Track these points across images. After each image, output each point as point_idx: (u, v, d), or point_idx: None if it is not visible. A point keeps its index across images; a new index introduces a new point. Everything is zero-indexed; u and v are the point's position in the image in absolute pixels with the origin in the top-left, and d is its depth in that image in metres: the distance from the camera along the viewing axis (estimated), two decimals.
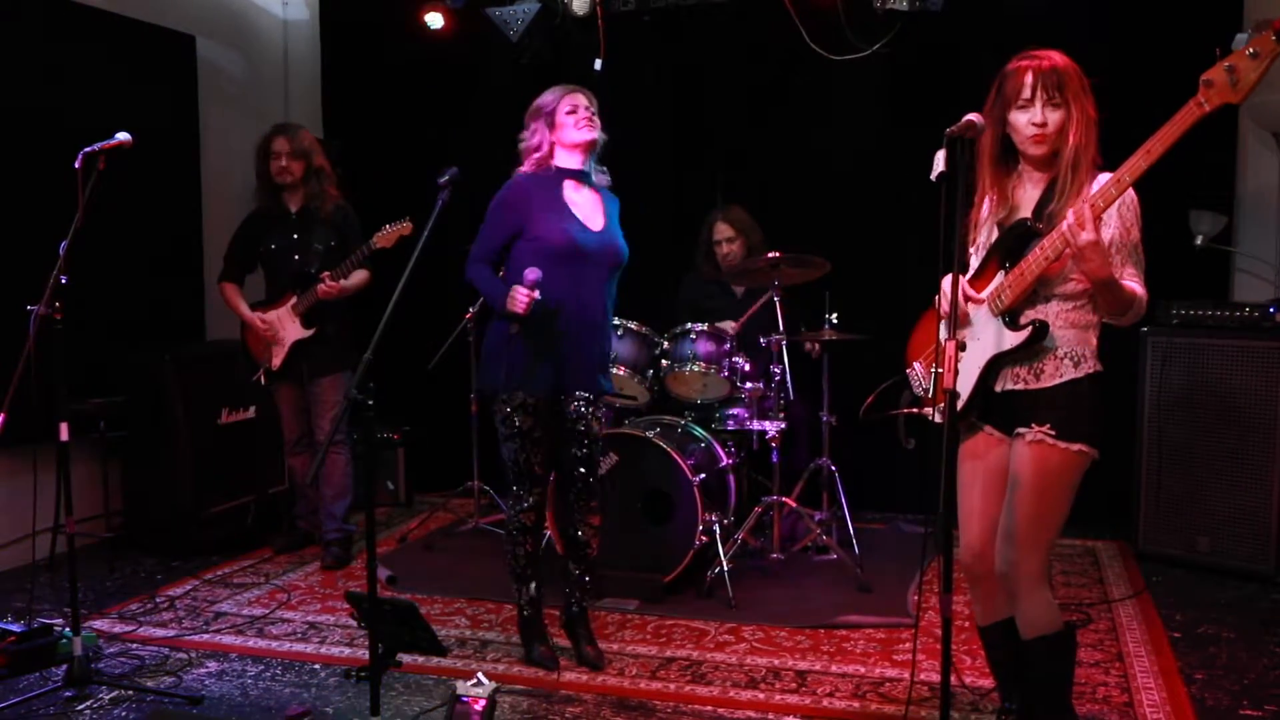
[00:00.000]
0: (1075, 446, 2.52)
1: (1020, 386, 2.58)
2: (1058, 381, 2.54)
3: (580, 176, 3.48)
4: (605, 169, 3.59)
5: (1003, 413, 2.62)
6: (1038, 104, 2.47)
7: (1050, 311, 2.54)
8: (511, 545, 3.54)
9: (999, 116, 2.53)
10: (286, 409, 4.86)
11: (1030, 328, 2.52)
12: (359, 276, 4.57)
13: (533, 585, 3.57)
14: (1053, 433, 2.52)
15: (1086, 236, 2.32)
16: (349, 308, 4.74)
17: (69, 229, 3.24)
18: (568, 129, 3.41)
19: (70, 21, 4.79)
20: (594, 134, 3.45)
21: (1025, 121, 2.49)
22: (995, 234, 2.63)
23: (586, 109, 3.44)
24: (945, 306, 2.64)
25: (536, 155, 3.45)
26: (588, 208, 3.47)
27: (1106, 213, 2.40)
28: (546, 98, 3.45)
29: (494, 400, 3.46)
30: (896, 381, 2.96)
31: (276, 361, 4.70)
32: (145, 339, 5.03)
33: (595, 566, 3.63)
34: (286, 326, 4.67)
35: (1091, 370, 2.55)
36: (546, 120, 3.42)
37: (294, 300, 4.63)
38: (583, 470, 3.53)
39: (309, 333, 4.64)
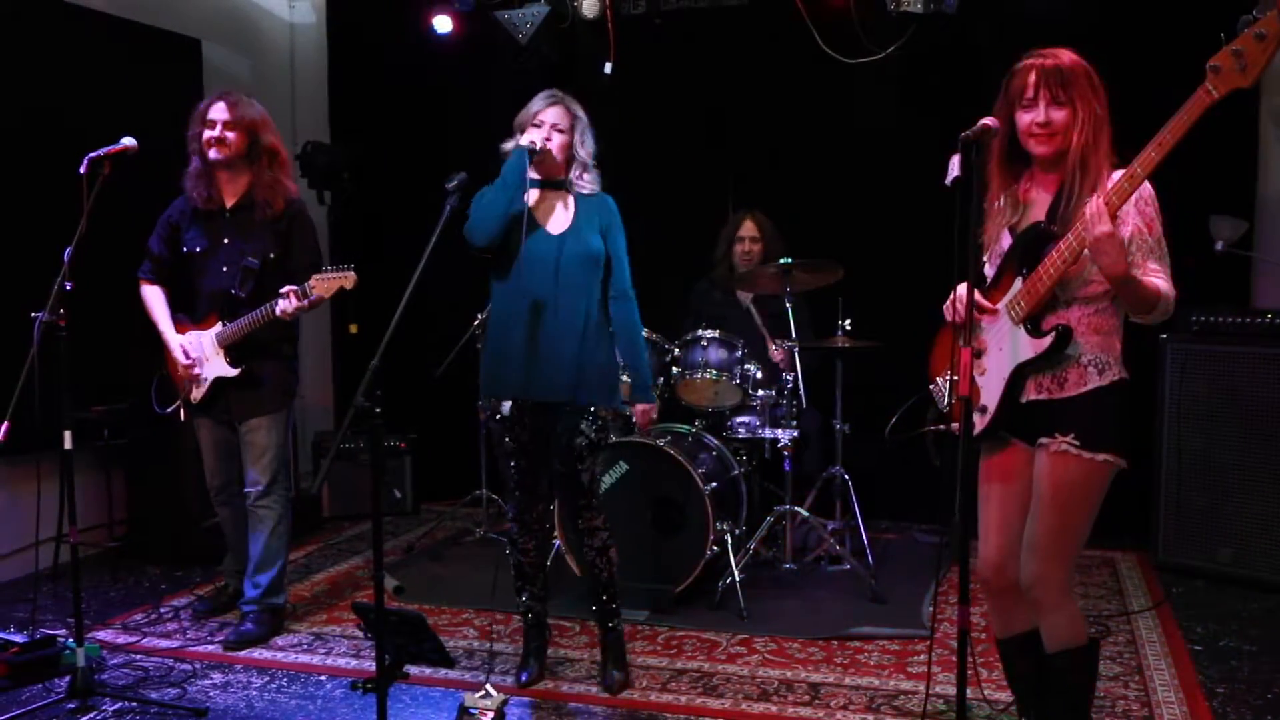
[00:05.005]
0: (1100, 456, 2.46)
1: (1044, 396, 2.52)
2: (1082, 390, 2.48)
3: (540, 184, 3.35)
4: (594, 173, 3.40)
5: (1026, 423, 2.56)
6: (1041, 103, 2.42)
7: (1072, 317, 2.48)
8: (508, 553, 3.53)
9: (1006, 117, 2.49)
10: (209, 451, 4.02)
11: (1053, 333, 2.46)
12: (327, 287, 3.54)
13: (523, 596, 3.53)
14: (1076, 443, 2.46)
15: (1102, 229, 2.27)
16: (288, 340, 3.90)
17: (74, 235, 3.21)
18: None
19: (76, 26, 4.76)
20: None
21: (1028, 120, 2.45)
22: (1007, 238, 2.58)
23: (552, 126, 3.29)
24: (956, 315, 2.58)
25: None
26: (551, 211, 3.36)
27: (1124, 210, 2.35)
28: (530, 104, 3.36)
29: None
30: (920, 399, 2.91)
31: (197, 394, 3.88)
32: (149, 345, 4.98)
33: (610, 586, 3.48)
34: (209, 358, 3.83)
35: (1117, 377, 2.49)
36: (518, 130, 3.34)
37: (218, 328, 3.79)
38: (570, 490, 3.41)
39: (234, 373, 3.79)
